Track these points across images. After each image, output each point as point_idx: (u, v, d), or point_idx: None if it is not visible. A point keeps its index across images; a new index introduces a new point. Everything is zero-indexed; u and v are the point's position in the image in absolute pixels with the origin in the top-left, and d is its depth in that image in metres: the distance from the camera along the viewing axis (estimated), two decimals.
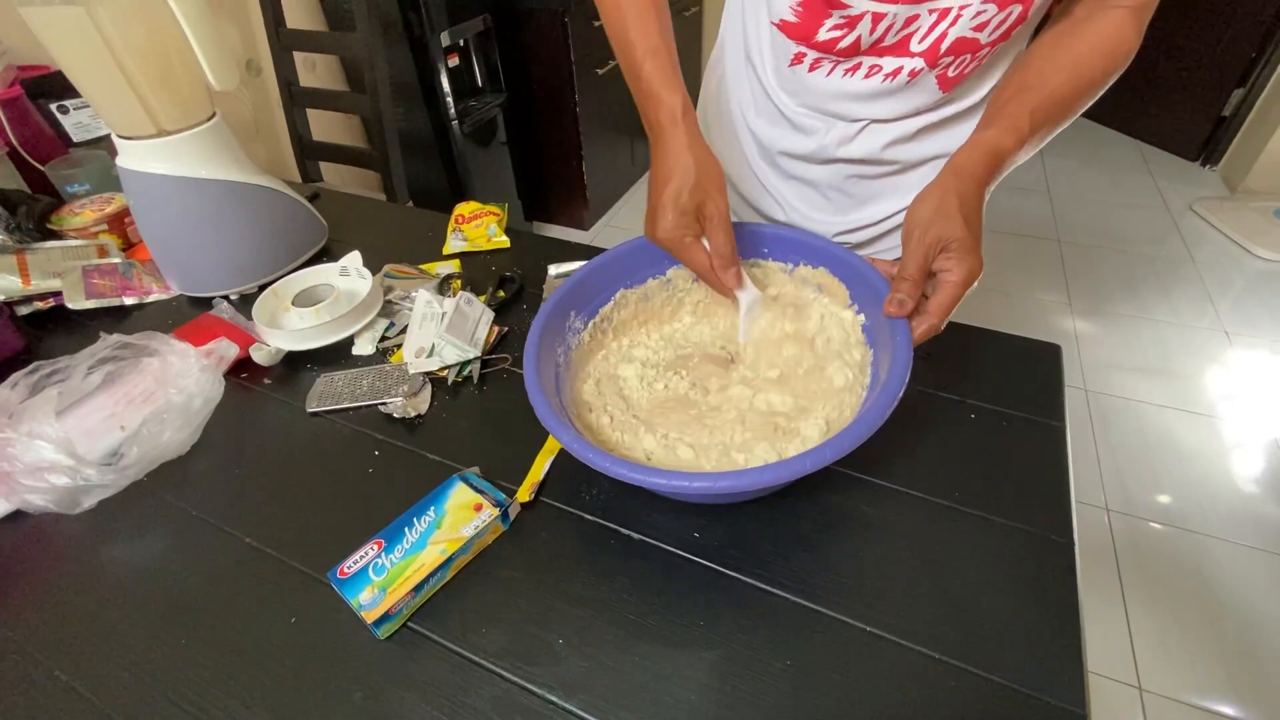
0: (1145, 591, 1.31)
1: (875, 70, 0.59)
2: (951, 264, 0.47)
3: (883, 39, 0.57)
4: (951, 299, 0.47)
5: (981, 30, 0.54)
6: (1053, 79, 0.53)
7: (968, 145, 0.51)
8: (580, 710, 0.42)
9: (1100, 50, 0.53)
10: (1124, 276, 2.18)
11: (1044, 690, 0.42)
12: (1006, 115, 0.52)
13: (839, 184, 0.70)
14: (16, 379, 0.57)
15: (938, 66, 0.58)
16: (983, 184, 0.50)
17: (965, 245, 0.47)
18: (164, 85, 0.69)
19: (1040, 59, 0.55)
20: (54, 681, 0.45)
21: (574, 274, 0.60)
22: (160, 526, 0.56)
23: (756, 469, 0.42)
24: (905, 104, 0.62)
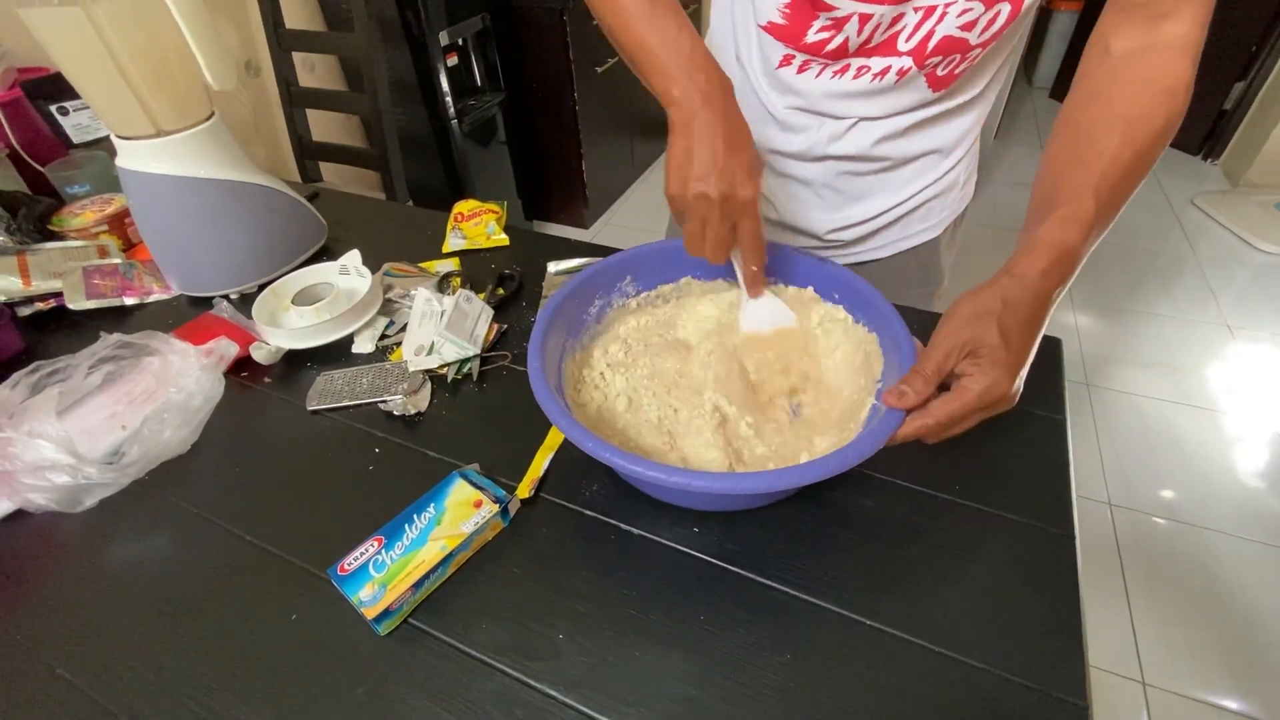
0: (1148, 586, 1.31)
1: (864, 70, 0.59)
2: (975, 372, 0.42)
3: (869, 39, 0.56)
4: (961, 407, 0.41)
5: (970, 30, 0.54)
6: (1109, 145, 0.44)
7: (1026, 246, 0.43)
8: (580, 705, 0.42)
9: (1155, 95, 0.46)
10: (1126, 271, 2.18)
11: (1045, 682, 0.42)
12: (1064, 200, 0.43)
13: (830, 181, 0.69)
14: (17, 378, 0.57)
15: (926, 66, 0.57)
16: (1042, 291, 0.42)
17: (997, 359, 0.41)
18: (162, 85, 0.69)
19: (1088, 120, 0.47)
20: (56, 679, 0.45)
21: (613, 257, 0.62)
22: (162, 525, 0.56)
23: (753, 475, 0.42)
24: (895, 103, 0.62)
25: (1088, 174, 0.44)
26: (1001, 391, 0.41)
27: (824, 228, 0.73)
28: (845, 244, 0.75)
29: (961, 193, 0.74)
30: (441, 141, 1.97)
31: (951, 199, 0.73)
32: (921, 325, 0.66)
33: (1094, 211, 0.43)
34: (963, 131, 0.66)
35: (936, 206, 0.73)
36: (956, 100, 0.63)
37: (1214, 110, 2.64)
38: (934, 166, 0.69)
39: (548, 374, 0.51)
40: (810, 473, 0.42)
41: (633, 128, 2.61)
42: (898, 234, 0.74)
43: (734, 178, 0.46)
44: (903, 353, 0.49)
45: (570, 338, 0.59)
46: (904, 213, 0.71)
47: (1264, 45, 2.43)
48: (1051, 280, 0.42)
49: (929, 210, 0.72)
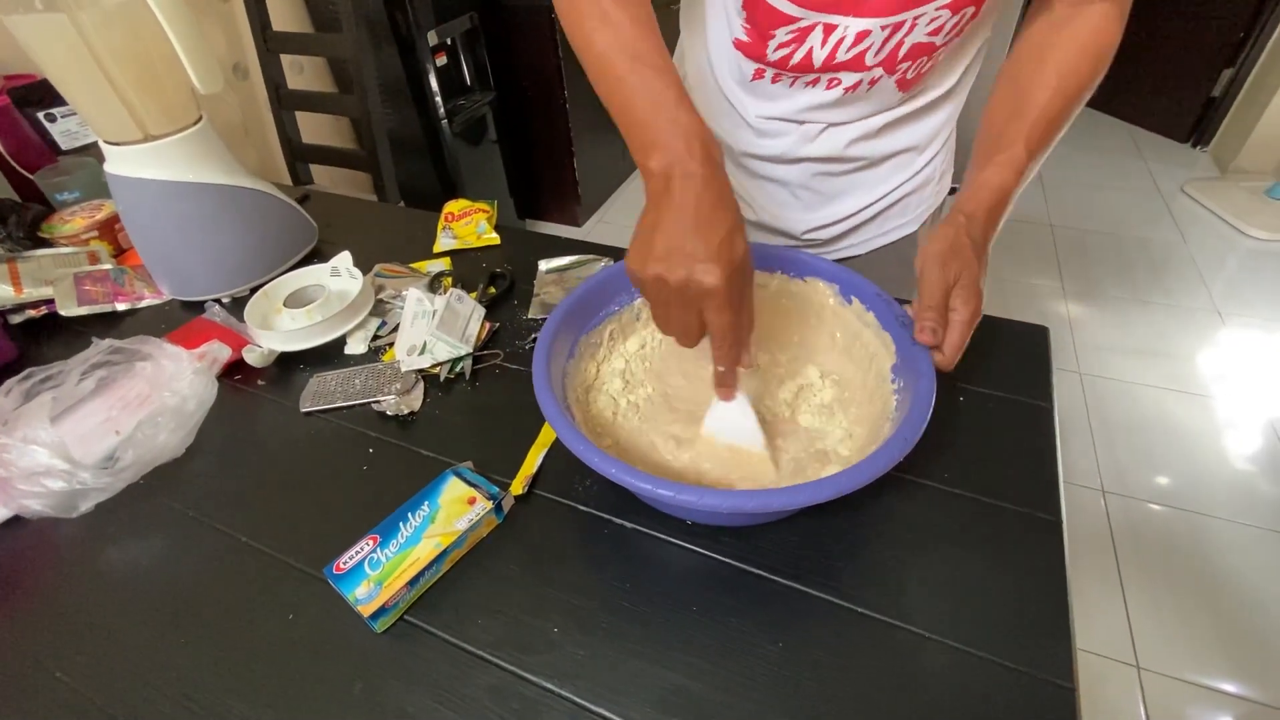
0: (1142, 571, 1.32)
1: (835, 84, 0.60)
2: (959, 303, 0.48)
3: (834, 55, 0.57)
4: (962, 338, 0.48)
5: (937, 34, 0.55)
6: (1041, 97, 0.52)
7: (973, 187, 0.52)
8: (576, 697, 0.42)
9: (1085, 53, 0.53)
10: (1117, 259, 2.19)
11: (1033, 665, 0.42)
12: (1002, 148, 0.52)
13: (806, 182, 0.70)
14: (10, 385, 0.57)
15: (896, 72, 0.58)
16: (989, 229, 0.51)
17: (971, 284, 0.48)
18: (149, 90, 0.69)
19: (1026, 74, 0.54)
20: (56, 683, 0.46)
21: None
22: (158, 528, 0.56)
23: (747, 493, 0.43)
24: (866, 107, 0.63)
25: (1024, 125, 0.52)
26: (979, 310, 0.49)
27: (801, 227, 0.74)
28: (823, 242, 0.76)
29: (938, 186, 0.75)
30: (432, 141, 1.97)
31: (928, 193, 0.74)
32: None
33: (1026, 158, 0.52)
34: (936, 127, 0.67)
35: (913, 201, 0.73)
36: (928, 98, 0.63)
37: (1202, 98, 2.65)
38: (909, 164, 0.69)
39: (553, 382, 0.51)
40: (824, 490, 0.41)
41: None
42: (875, 230, 0.74)
43: (694, 262, 0.40)
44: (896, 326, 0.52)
45: (577, 341, 0.59)
46: (881, 209, 0.72)
47: (1251, 32, 2.44)
48: (996, 215, 0.51)
49: (905, 206, 0.73)
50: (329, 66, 2.00)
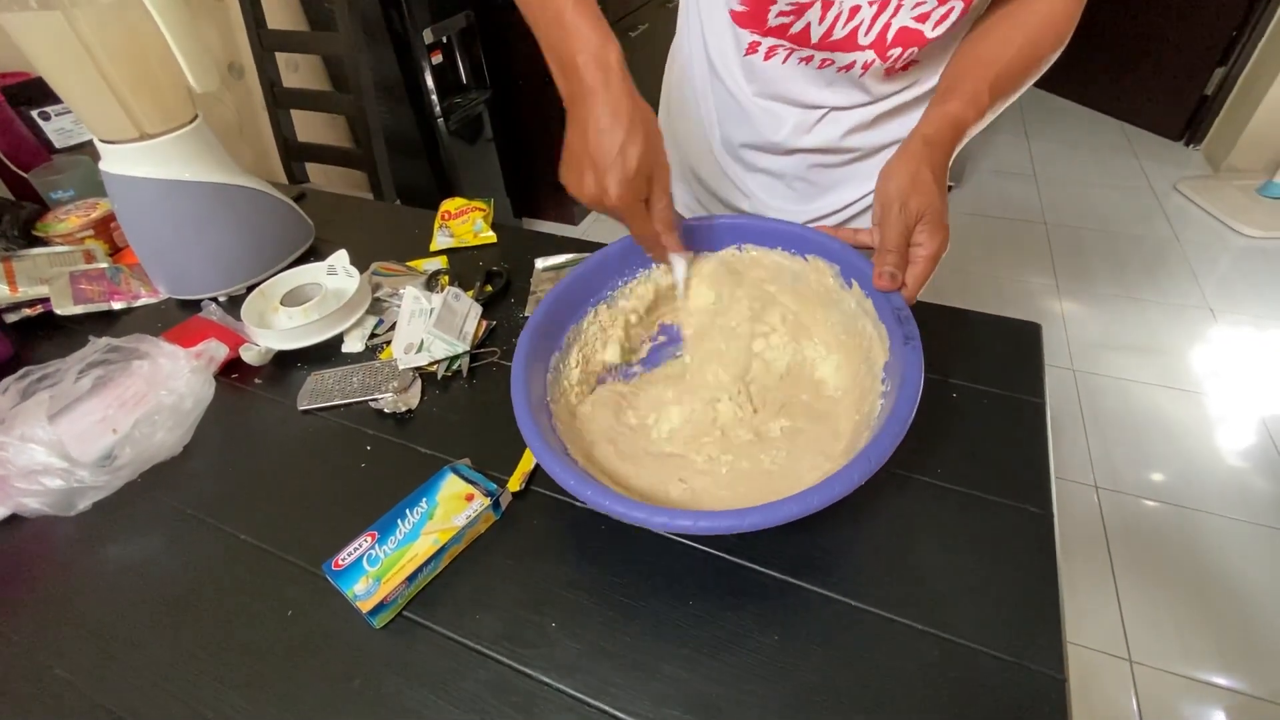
0: (1134, 566, 1.33)
1: (828, 63, 0.61)
2: (924, 238, 0.49)
3: (830, 31, 0.58)
4: (926, 272, 0.49)
5: (923, 22, 0.56)
6: (1006, 53, 0.55)
7: (934, 117, 0.53)
8: (573, 690, 0.43)
9: (1050, 26, 0.56)
10: (1110, 257, 2.20)
11: (1024, 656, 0.43)
12: (966, 88, 0.54)
13: (802, 173, 0.71)
14: (7, 384, 0.57)
15: (888, 59, 0.59)
16: (948, 155, 0.52)
17: (937, 218, 0.49)
18: (144, 88, 0.69)
19: (994, 34, 0.57)
20: (55, 679, 0.46)
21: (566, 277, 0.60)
22: (156, 526, 0.56)
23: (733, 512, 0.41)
24: (861, 93, 0.63)
25: (989, 73, 0.54)
26: (946, 243, 0.49)
27: (796, 220, 0.74)
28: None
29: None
30: (428, 140, 1.96)
31: None
32: None
33: (988, 99, 0.54)
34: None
35: None
36: (922, 89, 0.64)
37: (1195, 96, 2.66)
38: None
39: (532, 388, 0.51)
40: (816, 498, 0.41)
41: None
42: (868, 222, 0.75)
43: (596, 182, 0.46)
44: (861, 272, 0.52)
45: (558, 347, 0.58)
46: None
47: (1244, 30, 2.45)
48: (953, 146, 0.53)
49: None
50: (324, 65, 1.99)
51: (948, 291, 0.57)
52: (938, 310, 0.71)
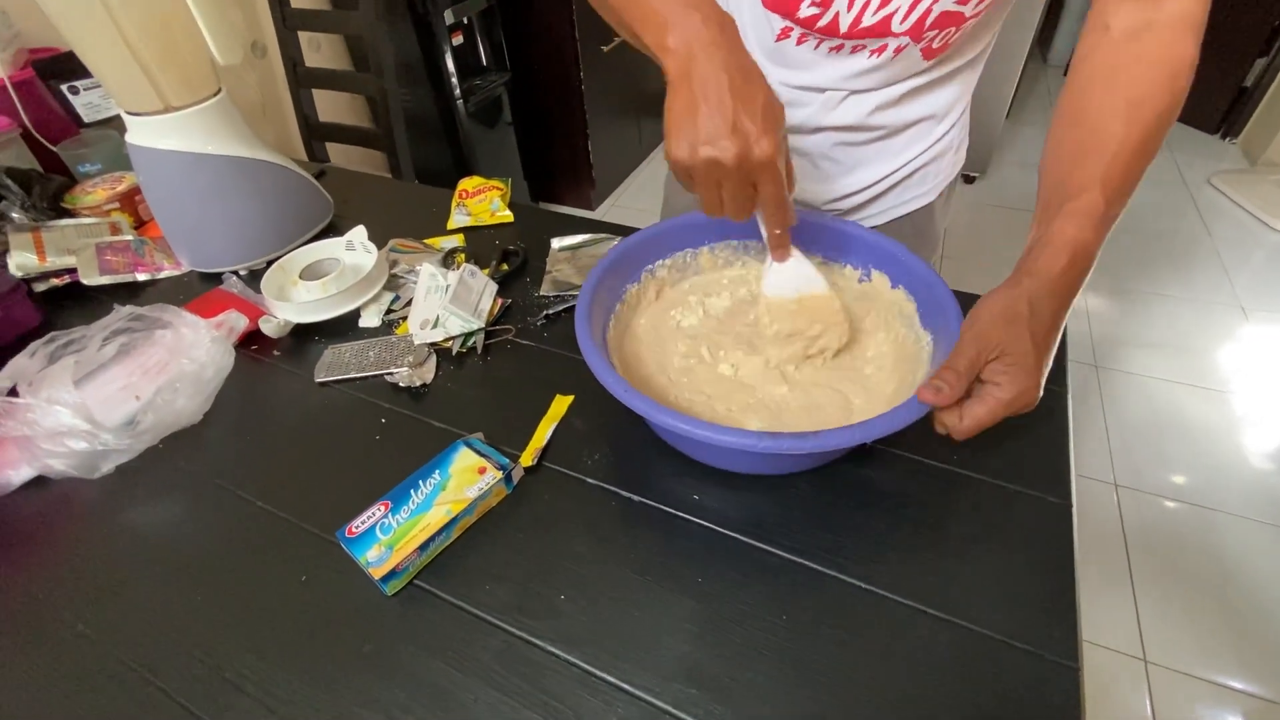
0: (1152, 566, 1.31)
1: (859, 49, 0.59)
2: (1003, 379, 0.41)
3: (859, 19, 0.56)
4: (990, 415, 0.41)
5: (964, 4, 0.54)
6: (1113, 130, 0.44)
7: (1040, 243, 0.44)
8: (581, 661, 0.43)
9: (1159, 75, 0.45)
10: (1138, 252, 2.15)
11: (1040, 645, 0.42)
12: (1075, 193, 0.43)
13: (827, 152, 0.70)
14: (35, 348, 0.58)
15: (923, 40, 0.57)
16: (1063, 291, 0.42)
17: (1024, 364, 0.41)
18: (169, 60, 0.69)
19: (1093, 106, 0.46)
20: (76, 635, 0.47)
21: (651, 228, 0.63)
22: (176, 491, 0.57)
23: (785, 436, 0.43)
24: (889, 74, 0.62)
25: (1096, 164, 0.44)
26: (1030, 398, 0.42)
27: (821, 198, 0.73)
28: (842, 213, 0.75)
29: (955, 157, 0.75)
30: (447, 121, 1.96)
31: (945, 163, 0.74)
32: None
33: (1104, 205, 0.43)
34: (955, 96, 0.67)
35: (931, 171, 0.73)
36: (950, 66, 0.63)
37: (1233, 87, 2.58)
38: (928, 133, 0.69)
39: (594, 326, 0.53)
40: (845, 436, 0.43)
41: (639, 107, 2.59)
42: (894, 200, 0.74)
43: (748, 135, 0.40)
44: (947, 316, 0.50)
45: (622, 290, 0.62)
46: (899, 179, 0.72)
47: None
48: (1072, 279, 0.43)
49: (924, 176, 0.73)
50: (346, 45, 2.00)
51: (964, 282, 0.57)
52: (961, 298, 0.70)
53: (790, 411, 0.55)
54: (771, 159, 0.41)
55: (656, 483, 0.54)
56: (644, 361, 0.60)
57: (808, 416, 0.54)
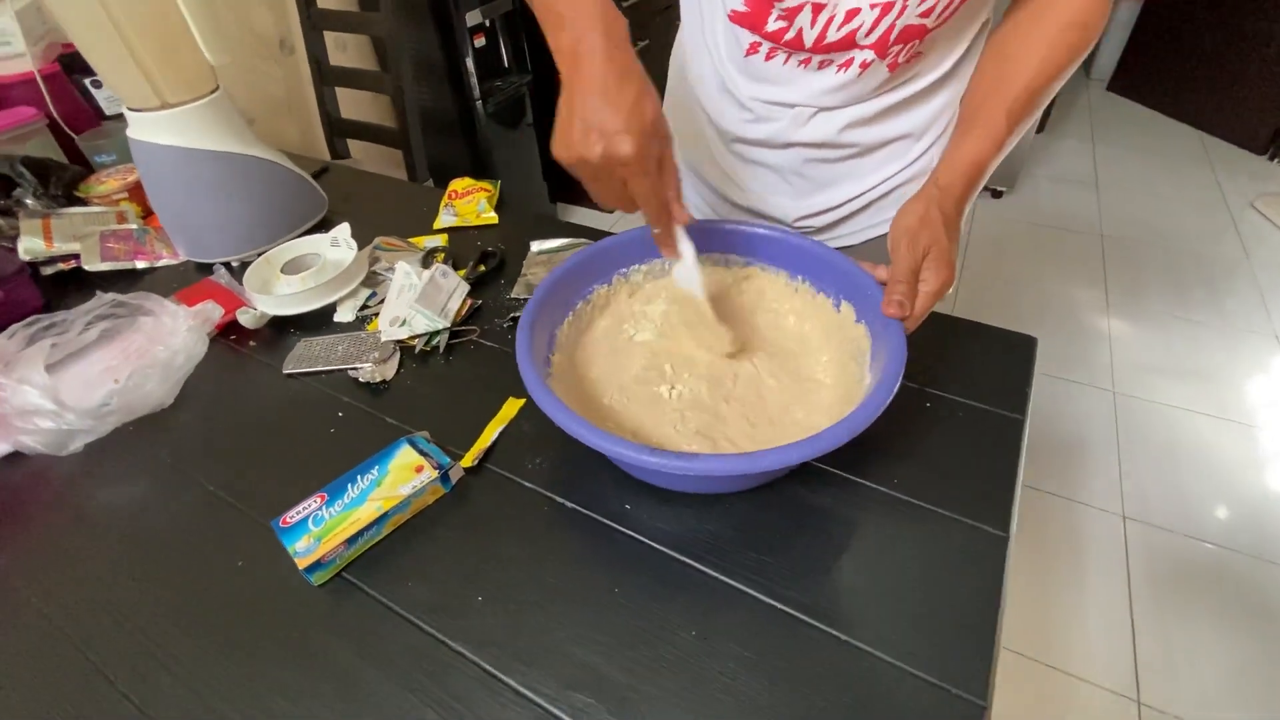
0: (1155, 604, 1.26)
1: (827, 64, 0.59)
2: (929, 275, 0.50)
3: (824, 34, 0.56)
4: (927, 306, 0.50)
5: (928, 16, 0.53)
6: (1025, 69, 0.54)
7: (950, 162, 0.54)
8: (486, 664, 0.44)
9: (1073, 24, 0.54)
10: (1170, 274, 2.07)
11: (949, 680, 0.41)
12: (982, 120, 0.54)
13: (798, 168, 0.69)
14: (14, 330, 0.62)
15: (888, 55, 0.57)
16: (963, 201, 0.54)
17: (943, 257, 0.50)
18: (167, 59, 0.72)
19: (1013, 45, 0.56)
20: (28, 606, 0.50)
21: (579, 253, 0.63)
22: (140, 472, 0.60)
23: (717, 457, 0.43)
24: (859, 89, 0.61)
25: (1006, 97, 0.54)
26: (950, 282, 0.51)
27: (792, 214, 0.72)
28: (815, 230, 0.74)
29: None
30: (465, 121, 2.00)
31: (916, 188, 0.72)
32: None
33: (1006, 130, 0.54)
34: (933, 115, 0.65)
35: (908, 192, 0.71)
36: (923, 82, 0.61)
37: None
38: (904, 152, 0.67)
39: (535, 344, 0.53)
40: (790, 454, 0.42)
41: None
42: (866, 221, 0.72)
43: (611, 135, 0.42)
44: (894, 365, 0.48)
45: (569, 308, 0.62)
46: (874, 199, 0.70)
47: None
48: (970, 188, 0.54)
49: (900, 196, 0.71)
50: (372, 44, 2.05)
51: (983, 299, 0.56)
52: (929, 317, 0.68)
53: (736, 432, 0.54)
54: (632, 158, 0.43)
55: (593, 491, 0.54)
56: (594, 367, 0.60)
57: (751, 441, 0.54)
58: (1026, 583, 1.30)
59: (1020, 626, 1.22)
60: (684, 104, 0.75)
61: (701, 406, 0.56)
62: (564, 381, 0.57)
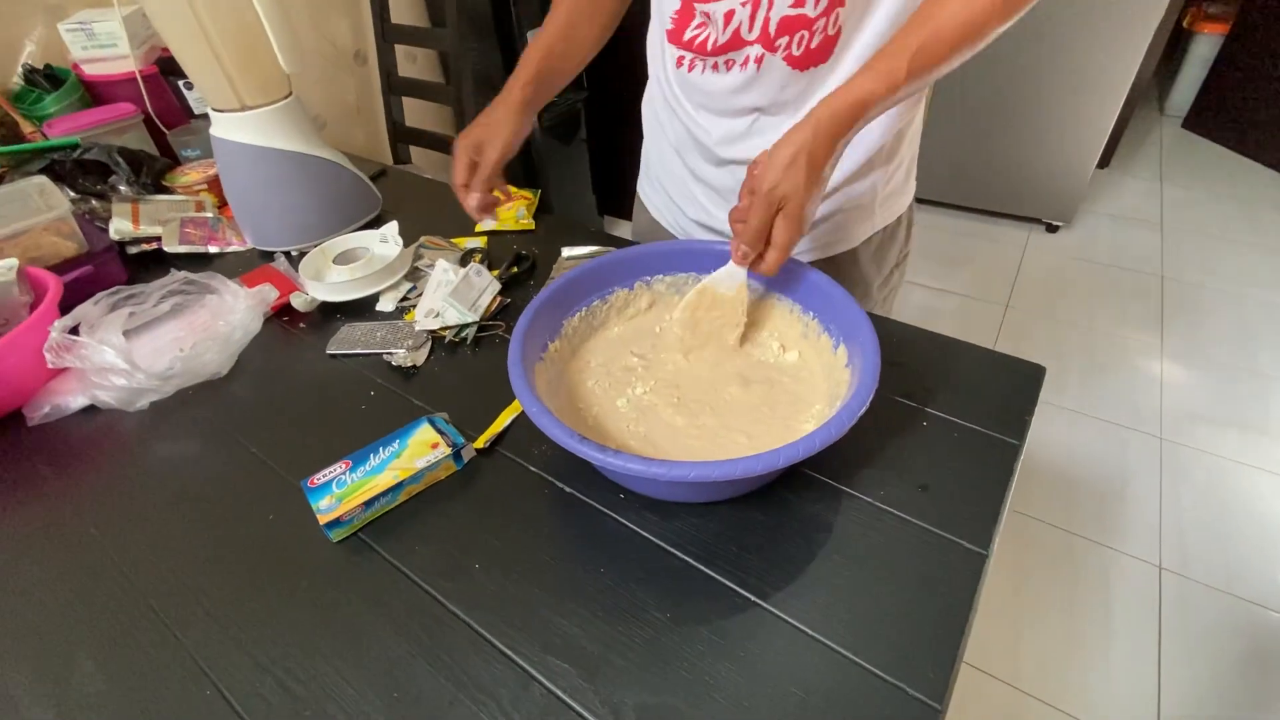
0: (1188, 661, 1.20)
1: (731, 64, 0.63)
2: (779, 229, 0.53)
3: (718, 37, 0.61)
4: (779, 259, 0.53)
5: (802, 4, 0.56)
6: (942, 17, 0.50)
7: (838, 93, 0.51)
8: (475, 624, 0.48)
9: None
10: (1232, 322, 1.97)
11: (909, 681, 0.43)
12: (884, 58, 0.51)
13: (733, 186, 0.71)
14: (99, 297, 0.70)
15: (777, 49, 0.60)
16: (836, 138, 0.51)
17: (796, 212, 0.51)
18: (247, 65, 0.81)
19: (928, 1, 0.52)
20: (88, 536, 0.57)
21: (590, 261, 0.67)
22: (193, 431, 0.67)
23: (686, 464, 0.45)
24: (772, 89, 0.63)
25: (915, 39, 0.50)
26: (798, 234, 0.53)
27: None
28: None
29: (883, 209, 0.75)
30: None
31: (868, 214, 0.74)
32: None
33: (904, 76, 0.50)
34: (873, 139, 0.66)
35: (850, 220, 0.73)
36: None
37: None
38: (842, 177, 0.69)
39: (527, 350, 0.56)
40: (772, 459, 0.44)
41: None
42: (807, 244, 0.76)
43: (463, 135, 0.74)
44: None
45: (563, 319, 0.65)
46: (827, 213, 0.73)
47: None
48: (849, 128, 0.51)
49: (840, 224, 0.74)
50: (439, 58, 2.17)
51: (1028, 333, 0.55)
52: (937, 340, 0.70)
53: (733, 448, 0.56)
54: (458, 151, 0.73)
55: (592, 479, 0.58)
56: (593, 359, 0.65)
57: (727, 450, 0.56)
58: (1050, 626, 1.26)
59: (1038, 671, 1.18)
60: (653, 128, 0.82)
61: (673, 409, 0.59)
62: (554, 366, 0.61)
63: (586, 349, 0.66)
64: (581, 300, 0.66)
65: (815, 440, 0.45)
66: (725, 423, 0.58)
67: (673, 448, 0.56)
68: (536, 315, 0.59)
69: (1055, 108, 2.18)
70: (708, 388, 0.62)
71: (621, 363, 0.64)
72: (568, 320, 0.64)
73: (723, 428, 0.57)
